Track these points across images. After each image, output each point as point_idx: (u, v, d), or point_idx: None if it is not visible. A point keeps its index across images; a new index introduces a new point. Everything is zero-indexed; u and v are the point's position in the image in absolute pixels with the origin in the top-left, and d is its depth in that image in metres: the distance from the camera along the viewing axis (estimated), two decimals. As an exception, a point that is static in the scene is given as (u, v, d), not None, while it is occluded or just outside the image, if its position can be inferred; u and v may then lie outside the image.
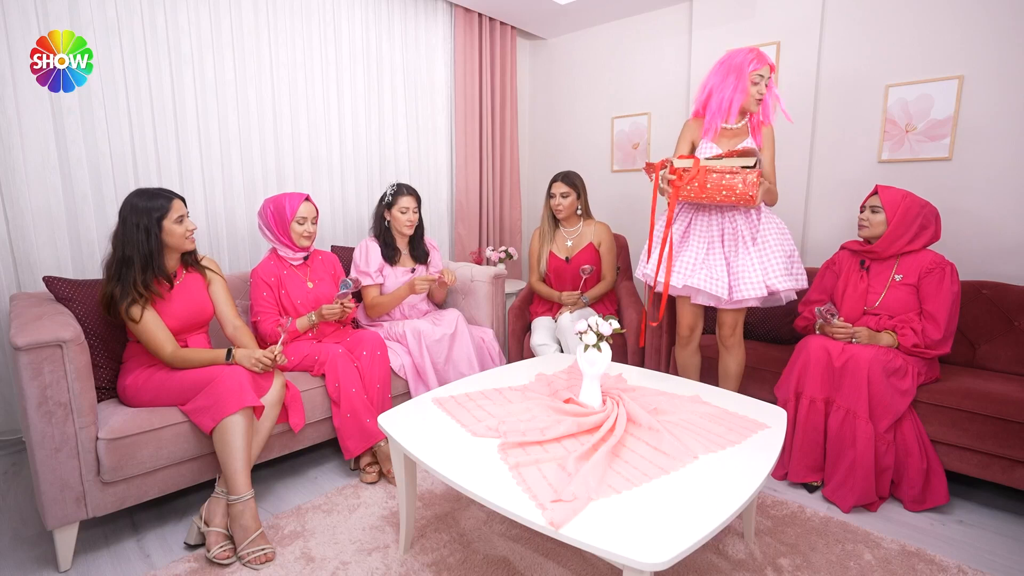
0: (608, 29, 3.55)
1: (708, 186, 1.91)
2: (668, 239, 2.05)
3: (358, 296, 2.52)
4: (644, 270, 2.18)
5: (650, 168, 2.04)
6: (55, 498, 1.48)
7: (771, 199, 2.06)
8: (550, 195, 2.71)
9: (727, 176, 1.89)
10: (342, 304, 2.12)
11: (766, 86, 1.99)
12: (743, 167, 1.87)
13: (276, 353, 1.79)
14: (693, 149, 2.15)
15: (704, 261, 2.05)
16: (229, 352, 1.76)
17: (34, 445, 1.46)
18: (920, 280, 1.95)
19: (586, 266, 2.61)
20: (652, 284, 2.16)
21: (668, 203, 2.01)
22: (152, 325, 1.68)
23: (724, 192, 1.90)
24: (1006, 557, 1.63)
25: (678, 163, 1.97)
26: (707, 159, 1.96)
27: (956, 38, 2.32)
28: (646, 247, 2.19)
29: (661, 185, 2.00)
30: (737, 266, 2.01)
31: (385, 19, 3.07)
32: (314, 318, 2.11)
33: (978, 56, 2.27)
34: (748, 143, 2.02)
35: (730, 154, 1.94)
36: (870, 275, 2.05)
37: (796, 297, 2.05)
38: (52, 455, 1.47)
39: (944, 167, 2.39)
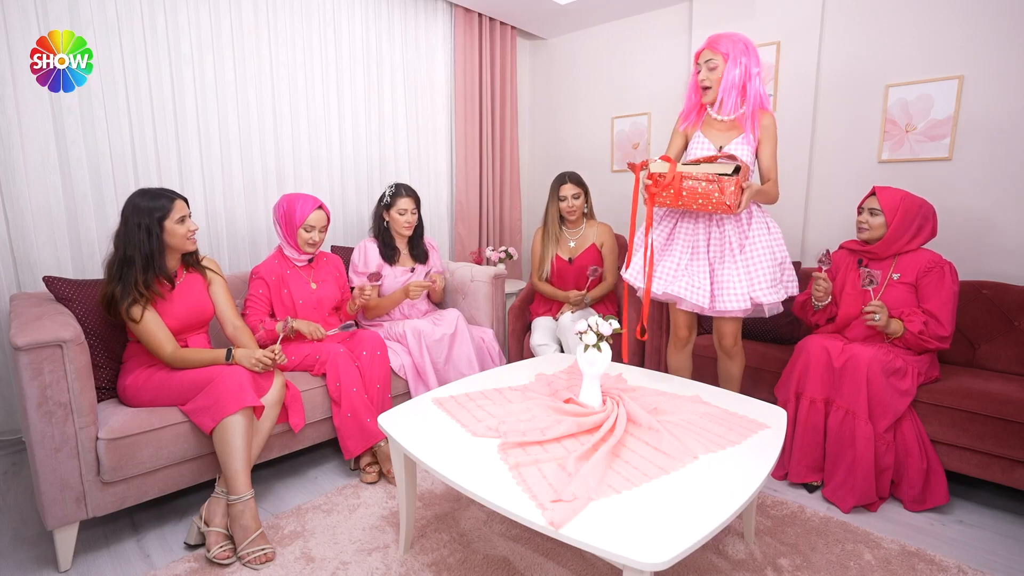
0: (608, 29, 3.55)
1: (684, 193, 1.82)
2: (649, 246, 1.96)
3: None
4: (623, 274, 2.13)
5: (632, 168, 1.94)
6: (55, 498, 1.48)
7: (767, 199, 1.94)
8: (560, 197, 2.66)
9: (703, 184, 1.79)
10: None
11: (713, 69, 1.91)
12: (720, 174, 1.77)
13: (276, 353, 1.79)
14: (686, 141, 2.10)
15: (686, 268, 1.97)
16: (229, 352, 1.76)
17: (34, 445, 1.46)
18: (919, 280, 1.95)
19: (594, 267, 2.59)
20: (635, 288, 2.11)
21: (646, 208, 1.93)
22: (152, 325, 1.68)
23: (700, 200, 1.80)
24: (1006, 557, 1.63)
25: (654, 167, 1.86)
26: (684, 164, 1.86)
27: (956, 38, 2.32)
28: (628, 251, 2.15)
29: (640, 188, 1.91)
30: (722, 275, 1.93)
31: (385, 19, 3.07)
32: (291, 323, 2.01)
33: (978, 56, 2.27)
34: (737, 143, 1.96)
35: (709, 159, 1.87)
36: (869, 275, 2.05)
37: (781, 309, 1.96)
38: (52, 455, 1.47)
39: (944, 167, 2.39)
